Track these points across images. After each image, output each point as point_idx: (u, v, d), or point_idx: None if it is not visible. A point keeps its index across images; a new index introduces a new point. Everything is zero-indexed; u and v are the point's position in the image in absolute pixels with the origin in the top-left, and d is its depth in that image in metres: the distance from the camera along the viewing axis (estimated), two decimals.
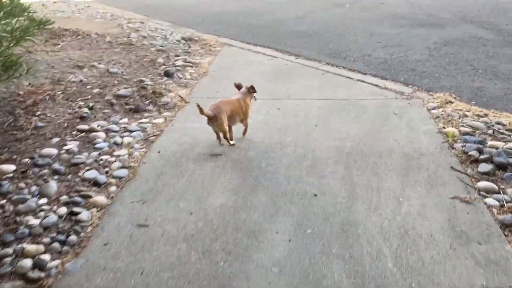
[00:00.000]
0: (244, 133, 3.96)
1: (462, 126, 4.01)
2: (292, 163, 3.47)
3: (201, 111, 3.48)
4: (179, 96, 4.95)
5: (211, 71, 5.77)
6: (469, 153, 3.48)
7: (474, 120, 4.12)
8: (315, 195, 3.04)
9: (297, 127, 4.11)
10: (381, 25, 8.28)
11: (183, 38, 7.38)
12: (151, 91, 4.98)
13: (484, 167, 3.31)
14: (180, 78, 5.55)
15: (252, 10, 10.14)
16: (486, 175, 3.24)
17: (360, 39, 7.29)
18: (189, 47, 6.99)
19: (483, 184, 3.11)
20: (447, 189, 3.08)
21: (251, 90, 3.91)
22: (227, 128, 3.66)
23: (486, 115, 4.26)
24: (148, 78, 5.48)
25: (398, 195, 3.02)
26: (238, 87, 3.99)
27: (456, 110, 4.39)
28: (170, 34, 7.67)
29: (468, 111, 4.35)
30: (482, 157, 3.42)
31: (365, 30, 7.94)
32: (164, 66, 5.90)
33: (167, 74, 5.58)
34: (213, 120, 3.58)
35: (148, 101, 4.81)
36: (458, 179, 3.19)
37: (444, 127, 4.01)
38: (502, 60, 5.96)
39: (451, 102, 4.59)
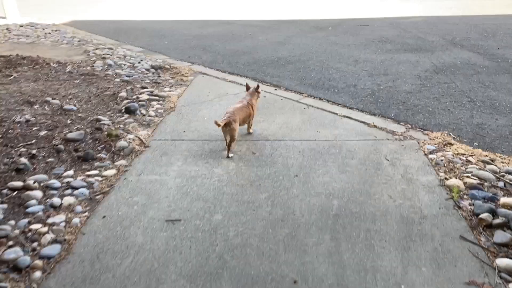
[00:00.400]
0: (249, 128, 4.36)
1: (467, 176, 3.42)
2: (267, 231, 2.81)
3: (217, 124, 3.64)
4: (139, 138, 4.29)
5: (179, 106, 5.13)
6: (480, 216, 2.87)
7: (480, 168, 3.53)
8: (295, 282, 2.39)
9: (274, 179, 3.47)
10: (366, 50, 7.78)
11: (152, 67, 6.74)
12: (106, 133, 4.31)
13: (501, 236, 2.70)
14: (143, 115, 4.89)
15: (231, 34, 9.60)
16: (504, 247, 2.63)
17: (344, 67, 6.75)
18: (159, 76, 6.36)
19: (503, 262, 2.49)
20: (458, 269, 2.45)
21: (258, 89, 4.34)
22: (236, 136, 3.90)
23: (492, 160, 3.68)
24: (107, 116, 4.82)
25: (399, 279, 2.38)
26: (247, 87, 4.41)
27: (457, 154, 3.81)
28: (139, 62, 7.03)
29: (471, 156, 3.78)
30: (496, 221, 2.82)
31: (349, 56, 7.42)
32: (126, 101, 5.23)
33: (129, 111, 4.92)
34: (227, 126, 3.79)
35: (101, 146, 4.13)
36: (471, 254, 2.57)
37: (446, 178, 3.41)
38: (500, 91, 5.45)
39: (451, 144, 4.01)
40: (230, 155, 3.87)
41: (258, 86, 4.32)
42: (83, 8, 14.49)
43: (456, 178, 3.41)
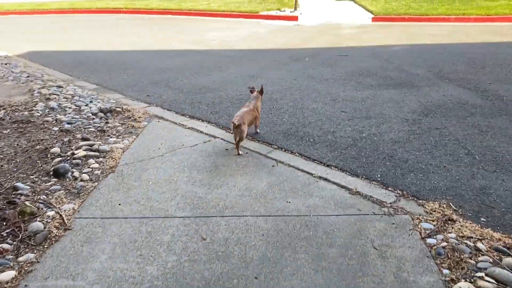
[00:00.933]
0: (256, 128, 4.99)
1: (479, 276, 2.58)
2: None
3: (234, 123, 4.24)
4: (60, 215, 3.36)
5: (121, 165, 4.22)
6: None
7: (495, 263, 2.70)
8: None
9: (227, 281, 2.58)
10: (346, 86, 7.03)
11: (101, 110, 5.84)
12: (19, 210, 3.37)
13: None
14: (75, 179, 3.97)
15: (199, 67, 8.79)
16: None
17: (321, 107, 5.97)
18: (106, 123, 5.46)
19: None
20: None
21: (261, 91, 4.99)
22: (245, 137, 4.40)
23: (509, 248, 2.86)
24: (29, 181, 3.89)
25: None
26: (251, 91, 5.00)
27: (462, 237, 2.99)
28: (87, 104, 6.13)
29: (480, 239, 2.95)
30: None
31: (327, 93, 6.65)
32: (58, 159, 4.31)
33: (57, 174, 3.99)
34: (238, 128, 4.25)
35: (8, 230, 3.19)
36: None
37: (453, 280, 2.57)
38: (500, 139, 4.70)
39: (453, 221, 3.19)
40: (240, 152, 4.42)
41: (262, 88, 5.03)
42: (49, 37, 13.58)
43: (465, 279, 2.57)
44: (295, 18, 16.80)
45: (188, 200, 3.54)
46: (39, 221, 3.28)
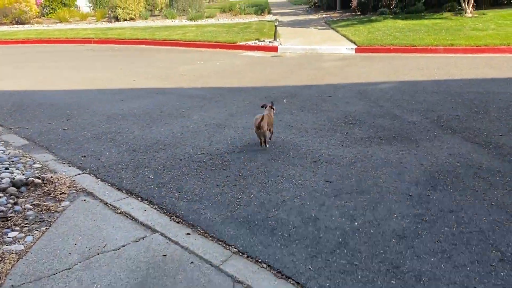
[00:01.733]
0: (271, 137, 5.69)
1: None
2: None
3: (258, 124, 5.16)
4: None
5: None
6: None
7: None
8: None
9: None
10: (330, 140, 5.81)
11: (14, 184, 4.47)
12: None
13: None
14: None
15: (159, 112, 7.50)
16: None
17: (300, 174, 4.71)
18: (15, 204, 4.09)
19: None
20: None
21: (273, 107, 5.70)
22: (267, 135, 5.40)
23: None
24: None
25: None
26: (263, 106, 5.69)
27: None
28: (0, 174, 4.75)
29: None
30: None
31: (307, 151, 5.41)
32: None
33: None
34: (260, 129, 5.19)
35: None
36: None
37: None
38: None
39: None
40: (267, 145, 5.47)
41: (272, 104, 5.73)
42: (5, 71, 12.22)
43: None
44: (274, 49, 15.77)
45: None
46: None
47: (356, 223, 3.66)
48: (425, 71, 10.50)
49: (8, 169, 4.90)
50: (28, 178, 4.60)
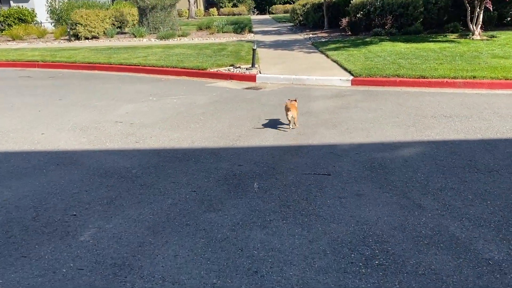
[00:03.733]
0: (296, 123, 6.94)
1: None
2: None
3: (290, 105, 6.67)
4: None
5: None
6: None
7: None
8: None
9: None
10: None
11: None
12: None
13: None
14: None
15: (28, 220, 4.31)
16: None
17: None
18: None
19: None
20: None
21: (295, 100, 6.88)
22: (296, 116, 6.81)
23: None
24: None
25: None
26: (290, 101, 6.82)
27: None
28: None
29: None
30: None
31: None
32: None
33: None
34: (291, 110, 6.62)
35: None
36: None
37: None
38: None
39: None
40: (297, 125, 6.95)
41: (295, 100, 6.94)
42: None
43: None
44: (252, 78, 12.65)
45: None
46: None
47: None
48: (456, 120, 7.48)
49: None
50: None
